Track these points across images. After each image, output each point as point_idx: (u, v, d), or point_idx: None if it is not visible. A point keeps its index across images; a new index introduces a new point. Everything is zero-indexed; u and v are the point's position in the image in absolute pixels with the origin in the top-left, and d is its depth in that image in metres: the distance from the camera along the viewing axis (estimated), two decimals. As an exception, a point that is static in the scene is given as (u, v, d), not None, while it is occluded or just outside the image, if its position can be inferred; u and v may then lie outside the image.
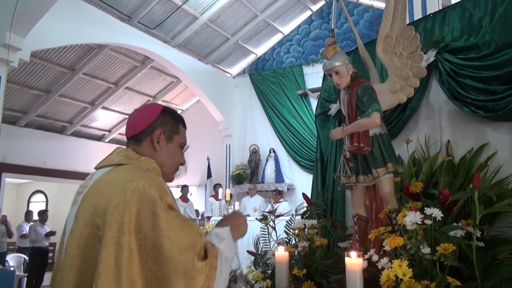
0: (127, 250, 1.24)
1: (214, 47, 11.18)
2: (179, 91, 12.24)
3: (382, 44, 3.05)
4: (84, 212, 1.37)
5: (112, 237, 1.25)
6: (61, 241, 1.47)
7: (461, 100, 3.18)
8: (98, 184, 1.41)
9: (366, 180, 2.93)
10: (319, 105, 4.70)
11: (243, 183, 10.63)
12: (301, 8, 11.16)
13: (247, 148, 11.02)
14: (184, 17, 9.75)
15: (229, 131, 11.28)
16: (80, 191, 1.48)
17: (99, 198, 1.35)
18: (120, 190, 1.32)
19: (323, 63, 3.10)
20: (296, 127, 10.46)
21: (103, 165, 1.50)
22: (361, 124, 2.87)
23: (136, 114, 1.66)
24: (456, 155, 3.19)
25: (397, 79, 3.03)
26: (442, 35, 3.45)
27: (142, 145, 1.57)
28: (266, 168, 10.59)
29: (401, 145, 3.51)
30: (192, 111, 12.78)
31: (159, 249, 1.26)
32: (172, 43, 10.15)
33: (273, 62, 11.60)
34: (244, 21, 10.72)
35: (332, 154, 4.24)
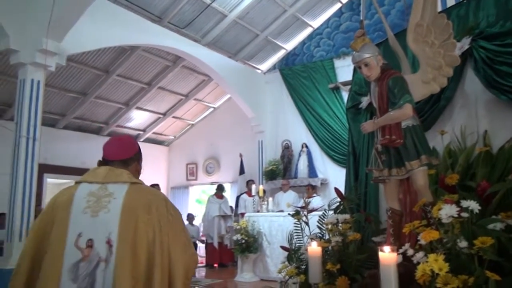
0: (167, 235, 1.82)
1: (244, 44, 11.19)
2: (211, 89, 12.35)
3: (413, 34, 2.99)
4: (131, 227, 1.75)
5: (159, 232, 1.79)
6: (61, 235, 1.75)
7: (498, 88, 3.07)
8: (134, 196, 1.83)
9: (399, 173, 2.88)
10: (350, 98, 4.64)
11: (276, 179, 10.61)
12: (330, 0, 11.00)
13: (280, 144, 10.99)
14: (213, 16, 9.81)
15: (261, 127, 11.28)
16: (100, 204, 1.79)
17: (140, 208, 1.80)
18: (160, 200, 1.89)
19: (352, 55, 3.07)
20: (328, 121, 10.35)
21: (116, 179, 1.89)
22: (392, 116, 2.82)
23: (123, 143, 2.11)
24: (494, 146, 3.08)
25: (429, 69, 2.96)
26: (476, 22, 3.33)
27: (129, 168, 1.99)
28: (299, 163, 10.55)
29: (435, 136, 3.42)
30: (224, 108, 12.88)
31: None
32: (202, 41, 10.23)
33: (303, 57, 11.51)
34: (273, 17, 10.67)
35: (364, 147, 4.19)
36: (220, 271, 9.72)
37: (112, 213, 1.76)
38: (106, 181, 1.87)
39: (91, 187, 1.85)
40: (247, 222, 8.09)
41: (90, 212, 1.76)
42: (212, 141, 12.70)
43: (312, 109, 10.64)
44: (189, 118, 13.25)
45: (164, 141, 13.78)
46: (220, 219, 10.27)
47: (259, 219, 8.13)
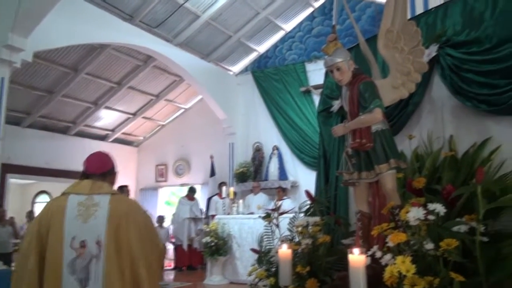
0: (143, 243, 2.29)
1: (216, 45, 11.17)
2: (182, 90, 12.25)
3: (383, 40, 3.05)
4: (116, 231, 2.22)
5: (137, 235, 2.26)
6: (57, 242, 2.20)
7: (464, 94, 3.17)
8: (117, 206, 2.29)
9: (368, 176, 2.93)
10: (322, 101, 4.70)
11: (247, 181, 10.62)
12: (303, 4, 11.11)
13: (251, 146, 11.01)
14: (185, 16, 9.74)
15: (232, 129, 11.27)
16: (89, 212, 2.25)
17: (123, 216, 2.27)
18: (137, 208, 2.41)
19: (324, 59, 3.10)
20: (299, 124, 10.44)
21: (99, 191, 2.32)
22: (363, 120, 2.86)
23: (101, 159, 2.50)
24: (459, 150, 3.18)
25: (399, 74, 3.03)
26: (443, 30, 3.44)
27: (106, 181, 2.41)
28: (269, 166, 10.59)
29: (403, 140, 3.51)
30: (195, 109, 12.79)
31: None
32: (174, 41, 10.15)
33: (275, 60, 11.57)
34: (246, 19, 10.70)
35: (335, 151, 4.24)
36: (189, 274, 9.64)
37: (99, 219, 2.25)
38: (91, 192, 2.32)
39: (79, 198, 2.29)
40: (217, 225, 8.06)
41: (81, 219, 2.24)
42: (183, 143, 12.59)
43: (283, 112, 10.71)
44: (159, 119, 13.09)
45: (134, 142, 13.57)
46: (191, 222, 10.18)
47: (229, 221, 8.11)
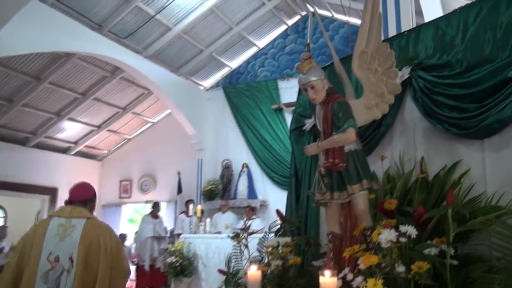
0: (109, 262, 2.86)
1: (187, 59, 11.17)
2: (150, 103, 12.15)
3: (358, 60, 3.12)
4: (87, 248, 2.80)
5: (105, 256, 2.82)
6: (35, 259, 2.76)
7: (435, 117, 3.26)
8: (90, 228, 2.87)
9: (341, 196, 2.95)
10: (294, 120, 4.73)
11: (214, 199, 10.55)
12: (276, 22, 11.30)
13: (220, 163, 10.98)
14: (157, 28, 9.72)
15: (201, 145, 11.23)
16: (66, 232, 2.81)
17: (94, 237, 2.84)
18: (107, 231, 2.97)
19: (299, 77, 3.14)
20: (270, 142, 10.49)
21: (77, 215, 2.93)
22: (336, 140, 2.90)
23: (83, 188, 3.17)
24: (430, 172, 3.25)
25: (372, 95, 3.09)
26: (416, 53, 3.54)
27: (86, 207, 3.04)
28: (238, 184, 10.56)
29: (376, 161, 3.56)
30: (163, 124, 12.69)
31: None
32: (144, 53, 10.09)
33: (247, 76, 11.67)
34: (219, 33, 10.77)
35: (307, 170, 4.26)
36: (152, 295, 9.39)
37: (74, 239, 2.81)
38: (71, 216, 2.91)
39: (60, 220, 2.89)
40: (182, 244, 7.92)
41: (58, 238, 2.81)
42: (149, 158, 12.42)
43: (254, 129, 10.74)
44: (125, 132, 12.90)
45: (97, 156, 13.28)
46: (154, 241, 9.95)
47: (195, 240, 7.99)
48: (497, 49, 3.07)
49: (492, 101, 2.94)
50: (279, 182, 10.16)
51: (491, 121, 2.91)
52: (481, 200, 2.93)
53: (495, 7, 3.16)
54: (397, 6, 5.13)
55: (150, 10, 9.05)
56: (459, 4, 3.94)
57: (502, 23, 3.09)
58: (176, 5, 9.28)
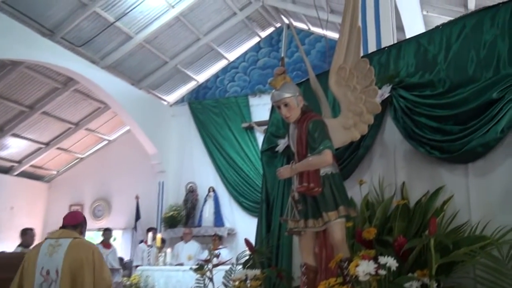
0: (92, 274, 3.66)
1: (150, 71, 11.13)
2: (106, 119, 11.99)
3: (335, 76, 3.17)
4: (70, 263, 3.58)
5: (88, 268, 3.62)
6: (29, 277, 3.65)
7: (417, 139, 3.33)
8: (74, 246, 3.67)
9: (315, 224, 2.95)
10: (266, 140, 4.74)
11: (177, 227, 10.44)
12: (248, 33, 11.44)
13: (183, 187, 10.88)
14: (116, 36, 9.67)
15: (163, 166, 11.11)
16: (54, 249, 3.65)
17: (78, 253, 3.64)
18: (89, 248, 3.75)
19: (272, 93, 3.17)
20: (239, 164, 10.48)
21: (65, 236, 3.77)
22: (311, 162, 2.91)
23: (73, 215, 4.13)
24: (411, 198, 3.31)
25: (351, 114, 3.14)
26: (397, 70, 3.64)
27: (76, 231, 3.85)
28: (204, 210, 10.47)
29: (353, 186, 3.60)
30: (121, 142, 12.51)
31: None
32: (101, 63, 9.99)
33: (216, 91, 11.70)
34: (185, 44, 10.80)
35: (279, 195, 4.25)
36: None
37: (59, 254, 3.63)
38: (60, 237, 3.78)
39: (51, 241, 3.74)
40: (139, 277, 7.77)
41: (48, 255, 3.64)
42: (104, 180, 12.16)
43: (222, 149, 10.73)
44: (77, 151, 12.64)
45: (44, 177, 12.92)
46: (107, 273, 9.69)
47: (154, 273, 7.86)
48: (480, 69, 3.19)
49: (476, 123, 3.03)
50: (249, 208, 10.13)
51: (475, 144, 3.00)
52: (465, 229, 2.99)
53: (478, 25, 3.30)
54: (377, 20, 5.28)
55: (109, 16, 9.02)
56: (441, 21, 4.08)
57: (485, 42, 3.22)
58: (139, 12, 9.28)
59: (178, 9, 9.58)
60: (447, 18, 4.63)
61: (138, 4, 9.05)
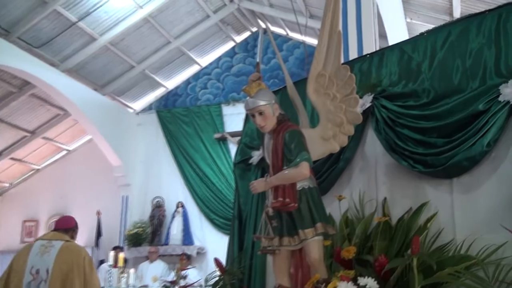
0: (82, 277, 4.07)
1: (115, 76, 11.02)
2: (66, 127, 11.80)
3: (314, 84, 3.19)
4: (61, 264, 3.96)
5: (78, 271, 4.03)
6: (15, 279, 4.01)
7: (399, 152, 3.36)
8: (65, 248, 4.07)
9: (291, 242, 2.94)
10: (239, 151, 4.73)
11: (141, 245, 10.29)
12: (222, 38, 11.46)
13: (149, 201, 10.75)
14: (78, 37, 9.56)
15: (128, 179, 10.98)
16: (45, 250, 4.03)
17: (69, 256, 4.05)
18: (80, 252, 4.19)
19: (246, 101, 3.16)
20: (211, 178, 10.44)
21: (57, 238, 4.15)
22: (287, 176, 2.91)
23: (66, 219, 4.53)
24: (393, 215, 3.33)
25: (330, 124, 3.15)
26: (379, 79, 3.68)
27: (68, 234, 4.25)
28: (171, 227, 10.36)
29: (332, 202, 3.60)
30: (81, 152, 12.31)
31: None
32: (61, 66, 9.85)
33: (186, 98, 11.65)
34: (154, 48, 10.75)
35: (253, 211, 4.24)
36: None
37: (51, 255, 3.99)
38: (51, 238, 4.17)
39: (42, 242, 4.13)
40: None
41: (40, 254, 4.00)
42: (62, 193, 11.93)
43: (192, 162, 10.68)
44: (33, 162, 12.39)
45: (-5, 189, 12.64)
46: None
47: (115, 296, 7.70)
48: (466, 79, 3.25)
49: (461, 136, 3.08)
50: (220, 225, 10.09)
51: (461, 158, 3.04)
52: (450, 248, 3.02)
53: (464, 32, 3.37)
54: (358, 26, 5.35)
55: (71, 15, 8.91)
56: (426, 29, 4.16)
57: (471, 50, 3.29)
58: (104, 11, 9.20)
59: (147, 9, 9.52)
60: (432, 26, 4.72)
61: (103, 3, 8.96)
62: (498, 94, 2.98)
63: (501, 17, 3.19)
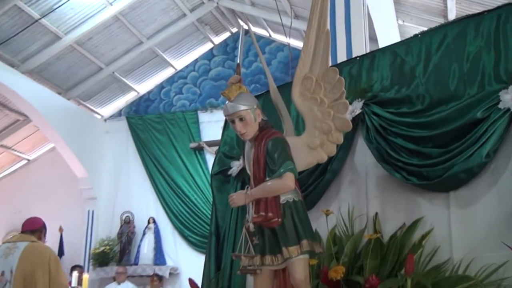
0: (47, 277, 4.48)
1: (81, 79, 10.94)
2: (26, 134, 11.67)
3: (300, 87, 3.17)
4: (24, 264, 4.36)
5: (43, 271, 4.44)
6: None
7: (391, 163, 3.36)
8: (30, 249, 4.47)
9: (274, 261, 2.91)
10: (217, 161, 4.72)
11: (108, 265, 10.21)
12: (200, 38, 11.45)
13: (117, 217, 10.66)
14: (41, 35, 9.46)
15: (94, 192, 10.88)
16: (10, 251, 4.42)
17: (33, 256, 4.45)
18: (44, 251, 4.61)
19: (225, 106, 3.13)
20: (185, 191, 10.39)
21: (22, 239, 4.61)
22: (270, 188, 2.88)
23: (32, 221, 4.86)
24: (385, 232, 3.32)
25: (317, 132, 3.13)
26: (370, 83, 3.69)
27: (34, 235, 4.65)
28: (142, 245, 10.28)
29: (319, 217, 3.59)
30: (43, 162, 12.17)
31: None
32: (21, 67, 9.74)
33: (159, 104, 11.60)
34: (124, 48, 10.69)
35: (232, 226, 4.22)
36: None
37: (15, 256, 4.36)
38: (16, 240, 4.62)
39: (8, 244, 4.57)
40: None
41: (4, 257, 4.39)
42: (20, 207, 11.71)
43: (165, 173, 10.64)
44: (-12, 172, 12.23)
45: None
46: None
47: (78, 321, 7.57)
48: (463, 84, 3.27)
49: (458, 146, 3.10)
50: (196, 243, 10.04)
51: (458, 170, 3.05)
52: (446, 268, 3.02)
53: (461, 34, 3.40)
54: (347, 26, 5.38)
55: (33, 12, 8.81)
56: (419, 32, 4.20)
57: (469, 54, 3.32)
58: (70, 8, 9.12)
59: (117, 7, 9.47)
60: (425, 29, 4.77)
61: (69, -1, 8.92)
62: (498, 101, 3.00)
63: (501, 18, 3.23)
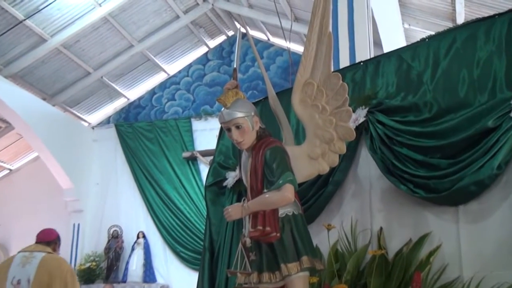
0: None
1: (67, 84, 10.96)
2: (9, 142, 11.69)
3: (300, 94, 3.16)
4: (42, 275, 4.60)
5: (60, 283, 4.71)
6: None
7: (397, 175, 3.35)
8: (47, 260, 4.73)
9: (272, 279, 2.90)
10: (212, 172, 4.70)
11: (95, 282, 10.22)
12: (194, 42, 11.48)
13: (105, 231, 10.67)
14: (26, 38, 9.49)
15: (80, 204, 10.89)
16: (27, 260, 4.66)
17: (51, 267, 4.70)
18: (62, 264, 4.93)
19: (220, 113, 3.12)
20: (177, 203, 10.39)
21: (39, 250, 4.81)
22: (268, 200, 2.87)
23: (47, 232, 5.06)
24: (390, 248, 3.31)
25: (318, 141, 3.12)
26: (374, 90, 3.68)
27: (49, 246, 4.90)
28: (130, 261, 10.28)
29: (320, 231, 3.57)
30: (26, 172, 12.20)
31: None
32: (4, 71, 9.76)
33: (150, 111, 11.62)
34: (114, 52, 10.72)
35: (227, 241, 4.20)
36: None
37: (32, 265, 4.61)
38: (33, 250, 4.79)
39: (24, 253, 4.74)
40: None
41: (21, 265, 4.61)
42: (1, 220, 11.73)
43: (156, 185, 10.65)
44: (-32, 183, 12.20)
45: None
46: None
47: None
48: (474, 91, 3.27)
49: (468, 157, 3.08)
50: (188, 259, 10.04)
51: (468, 182, 3.04)
52: (456, 286, 3.00)
53: (471, 39, 3.40)
54: (351, 30, 5.39)
55: (17, 13, 8.84)
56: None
57: (479, 59, 3.31)
58: (56, 9, 9.16)
59: (106, 8, 9.51)
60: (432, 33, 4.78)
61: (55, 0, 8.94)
62: (510, 109, 2.99)
63: (513, 22, 3.24)
